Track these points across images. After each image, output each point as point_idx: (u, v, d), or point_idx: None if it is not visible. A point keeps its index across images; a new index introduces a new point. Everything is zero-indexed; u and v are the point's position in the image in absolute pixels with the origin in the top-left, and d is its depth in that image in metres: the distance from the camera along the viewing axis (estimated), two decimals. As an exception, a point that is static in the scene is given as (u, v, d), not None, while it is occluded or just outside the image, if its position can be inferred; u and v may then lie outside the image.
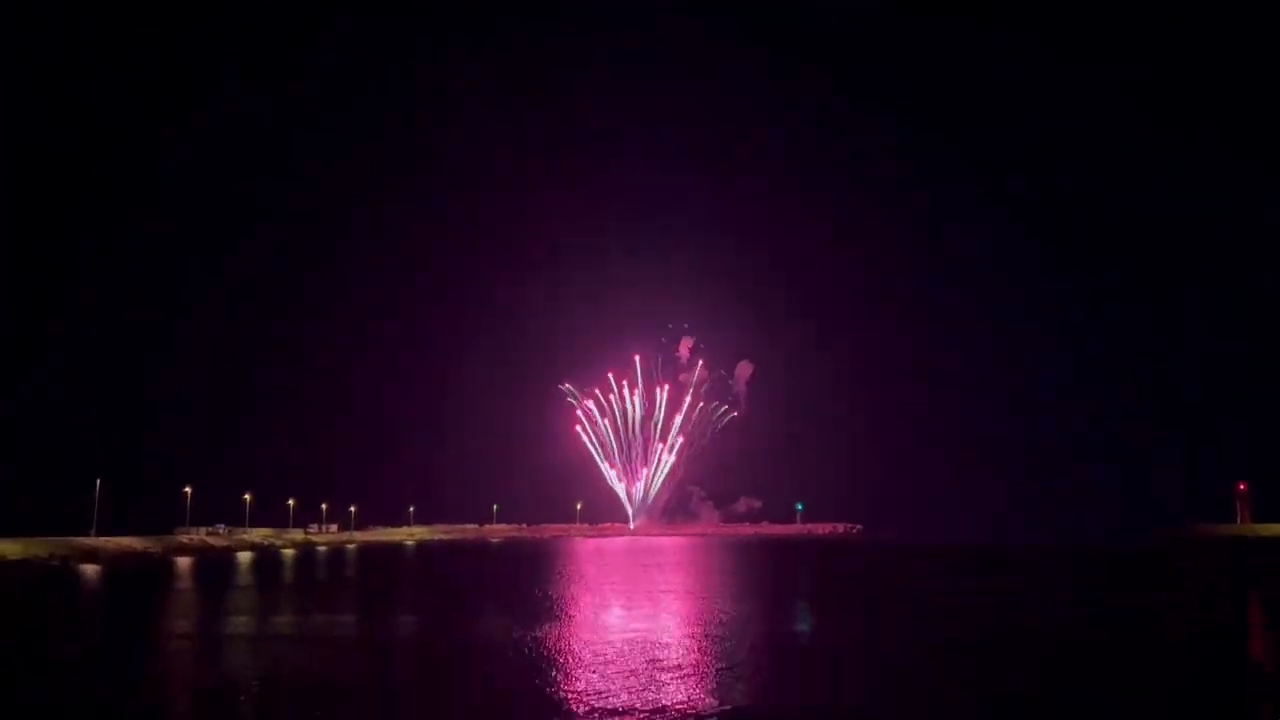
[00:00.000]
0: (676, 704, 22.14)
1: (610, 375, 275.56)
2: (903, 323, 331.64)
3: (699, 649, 31.19)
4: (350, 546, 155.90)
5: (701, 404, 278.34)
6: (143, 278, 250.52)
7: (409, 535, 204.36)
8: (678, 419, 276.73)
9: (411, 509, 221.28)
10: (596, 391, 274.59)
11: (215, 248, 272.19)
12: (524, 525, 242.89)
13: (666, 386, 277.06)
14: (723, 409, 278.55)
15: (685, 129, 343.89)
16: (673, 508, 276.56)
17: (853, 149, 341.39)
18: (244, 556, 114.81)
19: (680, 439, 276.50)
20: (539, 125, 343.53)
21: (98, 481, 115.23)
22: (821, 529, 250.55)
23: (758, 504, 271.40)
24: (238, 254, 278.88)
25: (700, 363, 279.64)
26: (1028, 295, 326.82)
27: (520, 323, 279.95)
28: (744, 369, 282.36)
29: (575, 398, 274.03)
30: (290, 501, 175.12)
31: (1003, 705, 22.86)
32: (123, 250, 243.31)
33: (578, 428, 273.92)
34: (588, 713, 21.36)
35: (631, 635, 34.43)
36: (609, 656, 29.23)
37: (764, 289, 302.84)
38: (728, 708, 21.80)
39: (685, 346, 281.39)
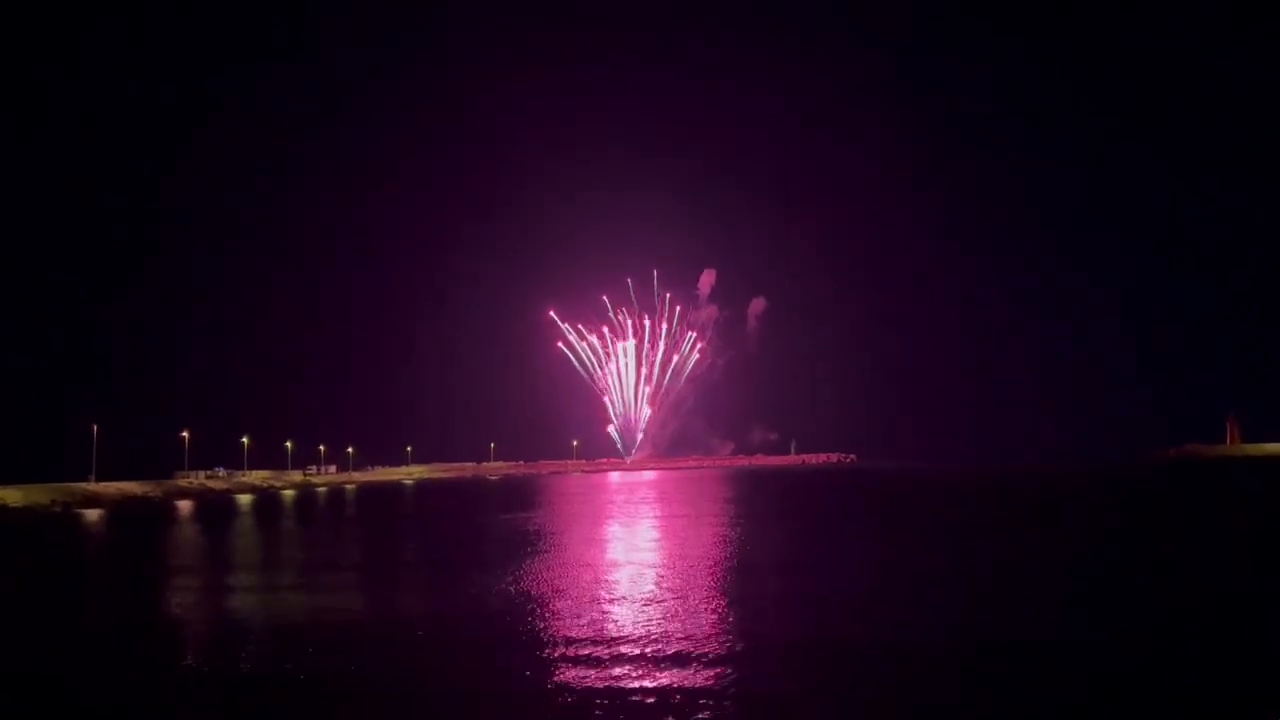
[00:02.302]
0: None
1: (606, 297, 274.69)
2: (907, 251, 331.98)
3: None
4: (349, 487, 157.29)
5: (703, 343, 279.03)
6: (137, 224, 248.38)
7: (408, 474, 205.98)
8: (676, 354, 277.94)
9: (409, 448, 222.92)
10: (604, 329, 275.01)
11: (210, 200, 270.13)
12: (521, 462, 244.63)
13: (648, 318, 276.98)
14: (694, 338, 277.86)
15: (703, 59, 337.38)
16: (678, 440, 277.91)
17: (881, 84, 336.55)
18: (244, 499, 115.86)
19: (677, 369, 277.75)
20: (544, 47, 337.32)
21: (95, 427, 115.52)
22: (816, 459, 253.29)
23: (773, 436, 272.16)
24: (231, 202, 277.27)
25: (707, 298, 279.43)
26: (1022, 216, 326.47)
27: (522, 258, 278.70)
28: (757, 305, 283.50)
29: (568, 328, 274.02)
30: (288, 444, 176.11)
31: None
32: (116, 199, 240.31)
33: (561, 345, 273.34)
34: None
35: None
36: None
37: (779, 227, 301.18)
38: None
39: (706, 281, 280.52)
